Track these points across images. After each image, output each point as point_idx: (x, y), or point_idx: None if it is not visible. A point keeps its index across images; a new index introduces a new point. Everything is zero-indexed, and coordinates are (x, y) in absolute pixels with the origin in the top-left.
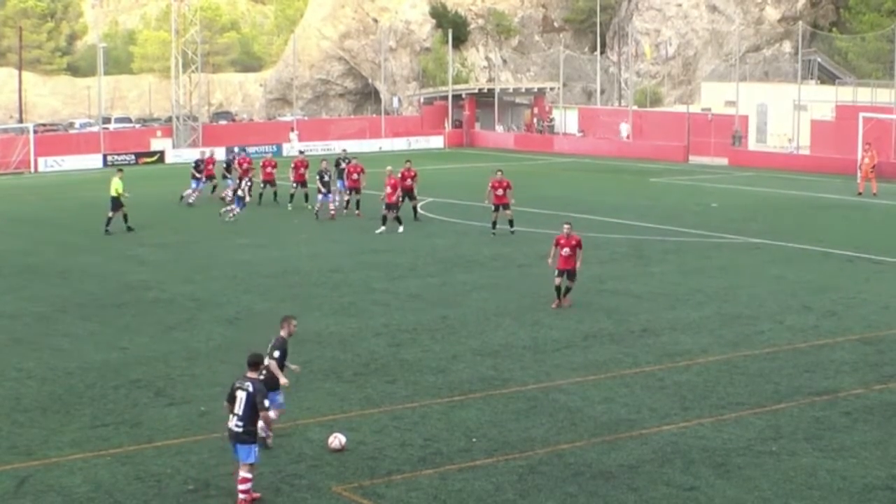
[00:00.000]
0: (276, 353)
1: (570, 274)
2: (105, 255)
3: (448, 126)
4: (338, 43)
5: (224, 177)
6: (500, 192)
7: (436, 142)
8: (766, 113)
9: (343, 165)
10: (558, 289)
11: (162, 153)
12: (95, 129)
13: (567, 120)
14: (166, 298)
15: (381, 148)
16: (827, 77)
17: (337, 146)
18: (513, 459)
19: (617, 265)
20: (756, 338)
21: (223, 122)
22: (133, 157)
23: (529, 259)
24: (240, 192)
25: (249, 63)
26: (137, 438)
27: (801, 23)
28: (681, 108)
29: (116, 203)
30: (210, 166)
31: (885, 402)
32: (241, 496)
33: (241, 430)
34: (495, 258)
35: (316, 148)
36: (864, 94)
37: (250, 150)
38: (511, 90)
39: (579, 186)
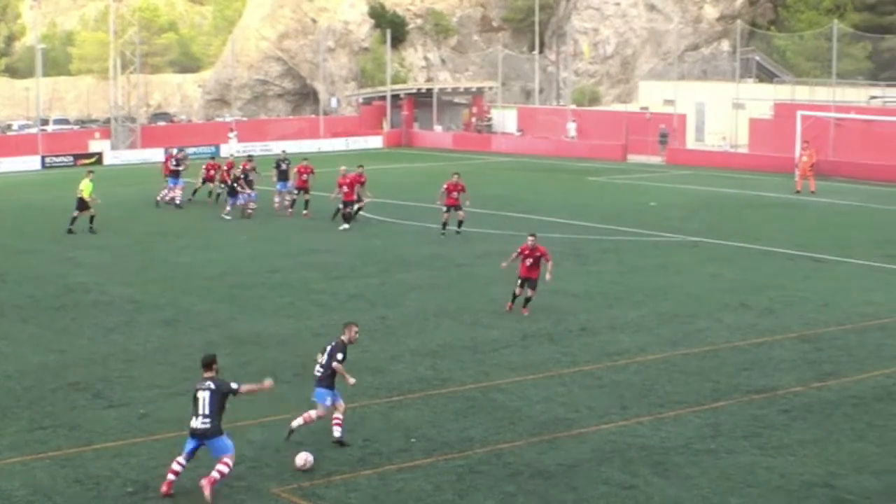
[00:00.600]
0: (340, 356)
1: (532, 283)
2: (44, 258)
3: (386, 126)
4: (276, 43)
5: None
6: (454, 194)
7: (374, 142)
8: (705, 112)
9: (284, 167)
10: (515, 295)
11: (100, 155)
12: (34, 130)
13: (506, 119)
14: (105, 301)
15: (319, 148)
16: (765, 75)
17: (276, 147)
18: (452, 459)
19: (555, 264)
20: (695, 336)
21: (162, 124)
22: (71, 158)
23: (468, 259)
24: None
25: (188, 64)
26: (76, 441)
27: (739, 21)
28: (619, 108)
29: (83, 204)
30: (212, 171)
31: (823, 399)
32: (213, 474)
33: (208, 426)
34: (434, 258)
35: (255, 149)
36: (802, 93)
37: (189, 150)
38: (449, 90)
39: (518, 186)
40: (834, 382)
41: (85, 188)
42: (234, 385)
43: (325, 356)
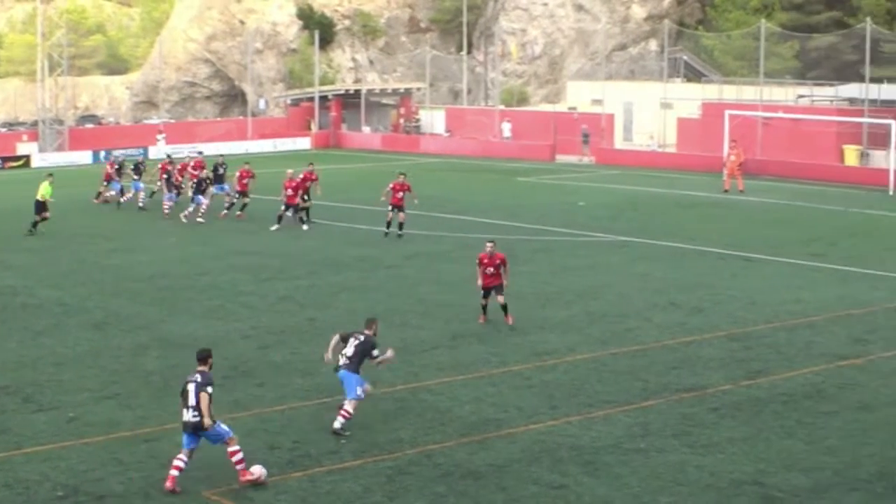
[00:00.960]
0: (375, 352)
1: (498, 289)
2: None
3: (314, 127)
4: (204, 45)
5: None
6: (399, 194)
7: (302, 143)
8: (633, 111)
9: (221, 171)
10: (485, 307)
11: (28, 157)
12: None
13: (434, 120)
14: (34, 304)
15: (247, 150)
16: (693, 75)
17: (205, 149)
18: (381, 461)
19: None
20: (624, 335)
21: (89, 126)
22: None
23: (397, 260)
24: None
25: (116, 66)
26: (5, 445)
27: (667, 21)
28: (547, 108)
29: (41, 206)
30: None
31: (752, 397)
32: (238, 467)
33: (198, 419)
34: (363, 260)
35: (183, 151)
36: (729, 92)
37: (117, 153)
38: (378, 91)
39: (447, 186)
40: (763, 380)
41: (44, 191)
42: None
43: (352, 348)
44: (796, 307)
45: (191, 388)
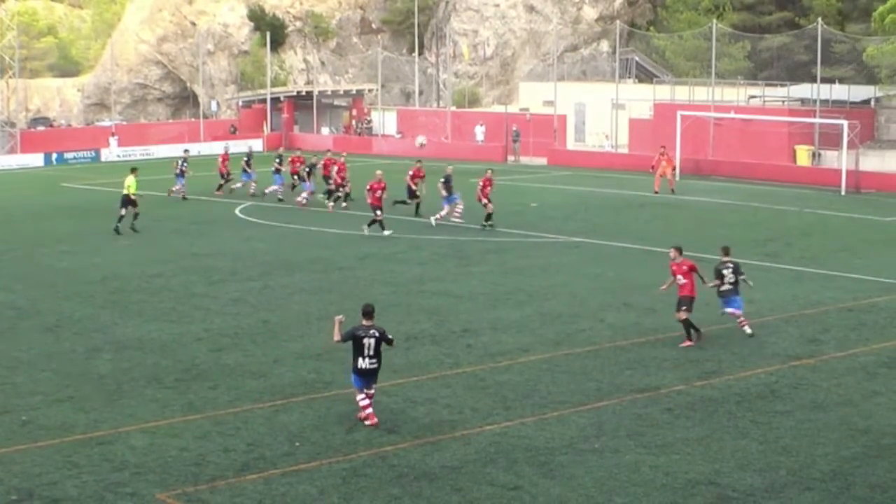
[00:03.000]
0: (390, 335)
1: (691, 302)
2: None
3: (267, 129)
4: (156, 47)
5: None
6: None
7: (255, 145)
8: (585, 112)
9: (184, 166)
10: (687, 322)
11: None
12: None
13: (386, 121)
14: None
15: (199, 152)
16: (645, 76)
17: (157, 151)
18: (336, 463)
19: (437, 266)
20: (577, 336)
21: (41, 128)
22: None
23: (350, 262)
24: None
25: (67, 68)
26: None
27: (618, 22)
28: (499, 109)
29: (127, 201)
30: (297, 165)
31: (706, 397)
32: (366, 411)
33: (375, 366)
34: (315, 261)
35: (135, 153)
36: (681, 93)
37: (68, 155)
38: (329, 92)
39: (399, 188)
40: (717, 380)
41: (130, 185)
42: (389, 336)
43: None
44: (749, 308)
45: (367, 341)
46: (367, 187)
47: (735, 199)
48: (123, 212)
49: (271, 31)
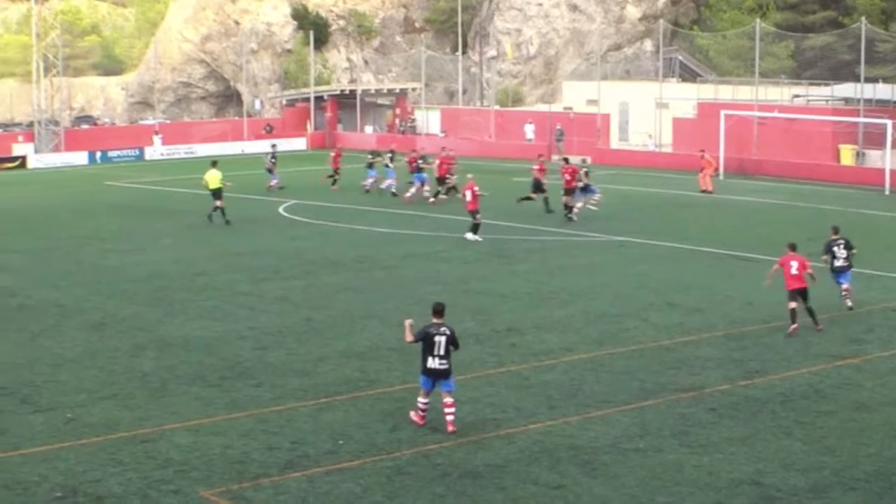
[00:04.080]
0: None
1: (805, 294)
2: None
3: (310, 128)
4: (199, 45)
5: (386, 165)
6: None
7: (298, 144)
8: (628, 111)
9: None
10: (794, 312)
11: (24, 158)
12: None
13: (429, 120)
14: (31, 305)
15: (243, 150)
16: (688, 75)
17: (200, 149)
18: (380, 461)
19: (482, 265)
20: (621, 335)
21: (85, 127)
22: None
23: (394, 260)
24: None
25: (111, 66)
26: (3, 446)
27: (661, 21)
28: (543, 108)
29: (217, 194)
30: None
31: (749, 397)
32: (450, 418)
33: (446, 366)
34: (360, 260)
35: (178, 151)
36: (725, 92)
37: (112, 154)
38: (373, 91)
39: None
40: (760, 380)
41: (213, 178)
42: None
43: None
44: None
45: (439, 339)
46: (460, 195)
47: (779, 199)
48: (219, 203)
49: (315, 29)
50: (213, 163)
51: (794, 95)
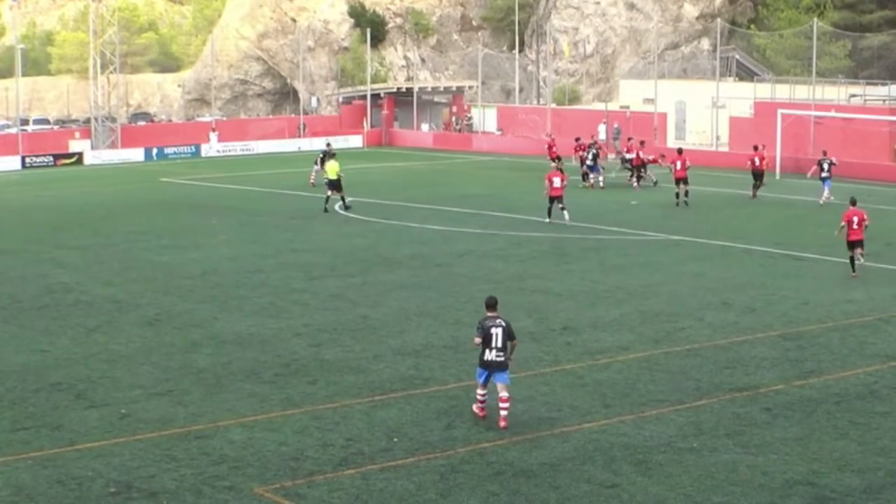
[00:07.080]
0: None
1: (861, 244)
2: (24, 258)
3: (367, 125)
4: (256, 43)
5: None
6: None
7: (355, 141)
8: (685, 110)
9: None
10: (853, 259)
11: (80, 154)
12: (13, 130)
13: (486, 118)
14: (86, 301)
15: (299, 148)
16: (745, 74)
17: (256, 146)
18: (434, 459)
19: (537, 263)
20: (676, 335)
21: (142, 123)
22: (51, 158)
23: (449, 258)
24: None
25: (168, 63)
26: (58, 441)
27: (719, 20)
28: (599, 106)
29: (335, 184)
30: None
31: (805, 397)
32: (503, 413)
33: (502, 359)
34: (414, 258)
35: (235, 149)
36: (782, 91)
37: (168, 150)
38: (429, 89)
39: (499, 185)
40: (816, 380)
41: (332, 169)
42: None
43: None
44: (849, 307)
45: (495, 332)
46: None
47: (835, 199)
48: (330, 193)
49: (371, 27)
50: (332, 154)
51: (850, 95)
